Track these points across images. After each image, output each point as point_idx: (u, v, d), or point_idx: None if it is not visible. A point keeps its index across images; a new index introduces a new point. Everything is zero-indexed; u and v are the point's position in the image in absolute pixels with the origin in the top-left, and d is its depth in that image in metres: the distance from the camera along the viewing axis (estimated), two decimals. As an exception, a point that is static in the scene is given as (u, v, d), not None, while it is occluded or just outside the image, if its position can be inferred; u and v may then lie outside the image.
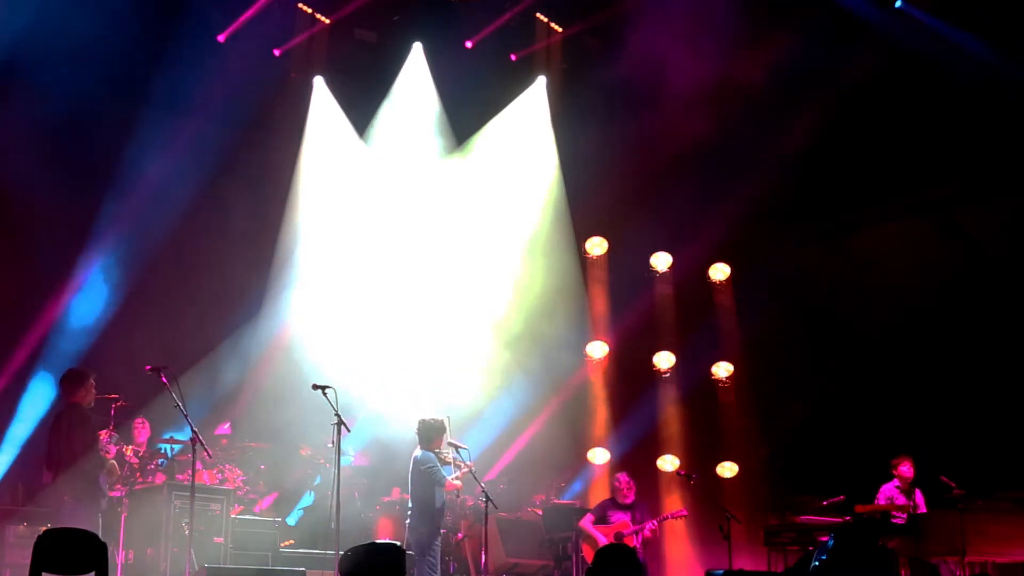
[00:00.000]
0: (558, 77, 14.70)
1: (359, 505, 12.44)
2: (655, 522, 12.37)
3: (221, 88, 12.46)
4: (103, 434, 10.33)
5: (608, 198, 14.78)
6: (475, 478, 10.54)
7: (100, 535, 7.91)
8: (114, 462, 10.39)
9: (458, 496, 11.54)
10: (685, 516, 12.71)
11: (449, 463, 10.66)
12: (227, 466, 11.86)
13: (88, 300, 12.23)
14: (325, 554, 9.70)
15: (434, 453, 10.54)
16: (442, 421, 10.69)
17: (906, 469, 11.63)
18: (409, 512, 10.50)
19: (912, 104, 12.95)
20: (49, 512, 9.94)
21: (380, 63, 14.14)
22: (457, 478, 10.69)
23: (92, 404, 10.08)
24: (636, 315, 14.97)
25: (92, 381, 10.01)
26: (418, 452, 10.61)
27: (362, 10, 13.51)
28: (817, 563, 5.91)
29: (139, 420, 11.51)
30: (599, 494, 14.01)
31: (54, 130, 11.84)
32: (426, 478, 10.40)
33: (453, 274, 14.16)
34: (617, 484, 12.55)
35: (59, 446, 9.73)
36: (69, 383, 9.95)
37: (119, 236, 12.37)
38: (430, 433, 10.58)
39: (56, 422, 9.93)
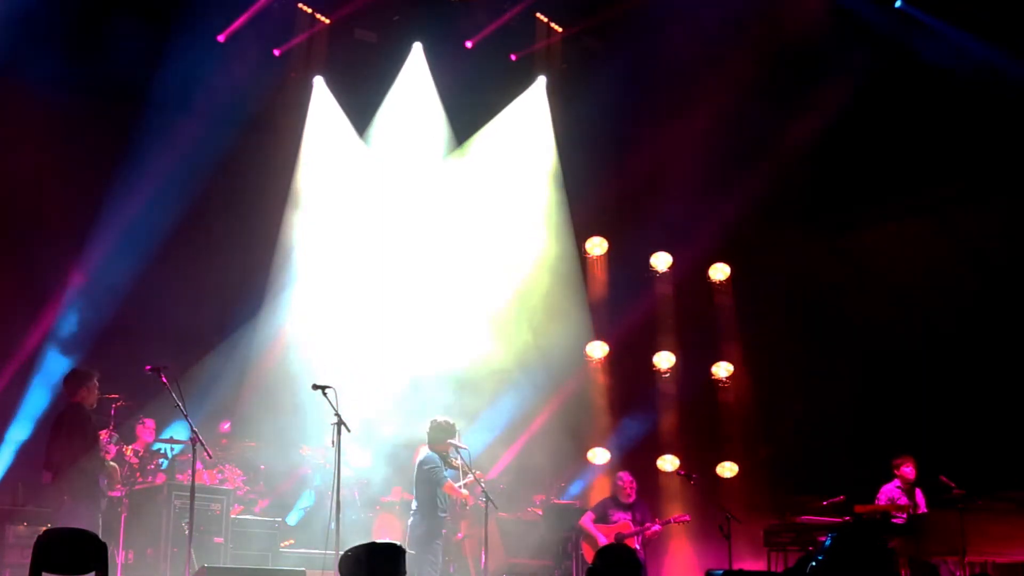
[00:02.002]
0: (558, 77, 14.70)
1: (359, 505, 12.45)
2: (658, 525, 12.38)
3: (221, 88, 12.46)
4: (103, 434, 10.34)
5: (608, 198, 14.78)
6: (479, 483, 10.53)
7: (100, 535, 7.91)
8: (115, 464, 10.40)
9: (465, 505, 11.42)
10: (687, 521, 12.69)
11: (456, 467, 10.65)
12: (227, 466, 11.87)
13: (88, 299, 12.22)
14: (325, 554, 9.69)
15: (440, 455, 10.55)
16: (453, 424, 10.69)
17: (908, 470, 11.63)
18: (412, 511, 10.51)
19: (912, 104, 12.95)
20: (49, 512, 9.95)
21: (380, 63, 14.13)
22: (463, 486, 10.66)
23: (95, 405, 10.10)
24: (636, 315, 14.97)
25: (95, 382, 10.03)
26: (423, 452, 10.64)
27: (362, 10, 13.50)
28: (815, 563, 5.90)
29: (144, 420, 11.50)
30: (599, 494, 14.00)
31: (54, 129, 11.84)
32: (427, 478, 10.42)
33: (453, 274, 14.15)
34: (620, 483, 12.57)
35: (59, 446, 9.73)
36: (72, 382, 9.98)
37: (119, 235, 12.37)
38: (439, 434, 10.59)
39: (57, 422, 9.94)
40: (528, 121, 14.76)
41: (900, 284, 13.59)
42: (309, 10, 13.57)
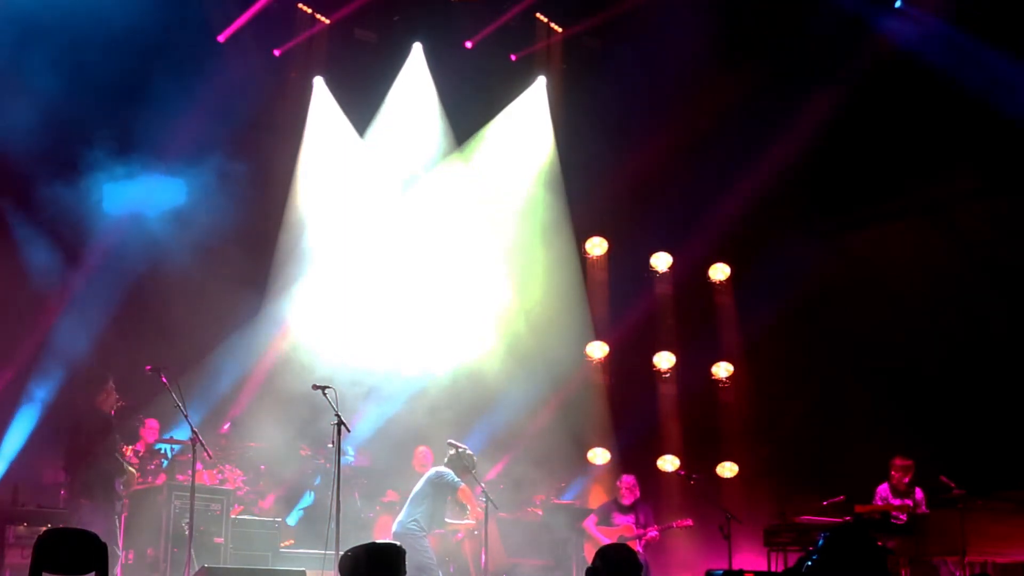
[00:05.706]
0: (558, 77, 14.71)
1: (359, 505, 12.45)
2: (658, 530, 12.36)
3: (221, 88, 12.46)
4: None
5: (608, 198, 14.79)
6: (489, 499, 10.46)
7: (118, 538, 7.92)
8: (133, 470, 10.42)
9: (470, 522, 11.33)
10: (690, 526, 12.65)
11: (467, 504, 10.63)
12: (227, 466, 11.86)
13: (88, 299, 12.22)
14: (325, 554, 9.70)
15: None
16: (474, 458, 10.54)
17: (894, 470, 11.57)
18: (404, 516, 10.41)
19: (913, 103, 12.95)
20: (66, 514, 9.95)
21: (380, 63, 14.14)
22: (470, 515, 10.65)
23: (112, 407, 10.13)
24: (636, 315, 14.97)
25: (111, 384, 10.07)
26: (438, 467, 10.50)
27: (362, 10, 13.52)
28: (809, 563, 5.88)
29: (146, 420, 11.50)
30: (599, 494, 14.00)
31: (54, 128, 11.84)
32: (441, 484, 10.25)
33: (453, 275, 14.15)
34: (620, 485, 12.55)
35: (77, 448, 9.75)
36: (91, 386, 10.00)
37: (119, 235, 12.37)
38: (460, 463, 10.39)
39: (75, 425, 9.95)
40: (528, 121, 14.77)
41: (900, 283, 13.59)
42: (309, 10, 13.59)
